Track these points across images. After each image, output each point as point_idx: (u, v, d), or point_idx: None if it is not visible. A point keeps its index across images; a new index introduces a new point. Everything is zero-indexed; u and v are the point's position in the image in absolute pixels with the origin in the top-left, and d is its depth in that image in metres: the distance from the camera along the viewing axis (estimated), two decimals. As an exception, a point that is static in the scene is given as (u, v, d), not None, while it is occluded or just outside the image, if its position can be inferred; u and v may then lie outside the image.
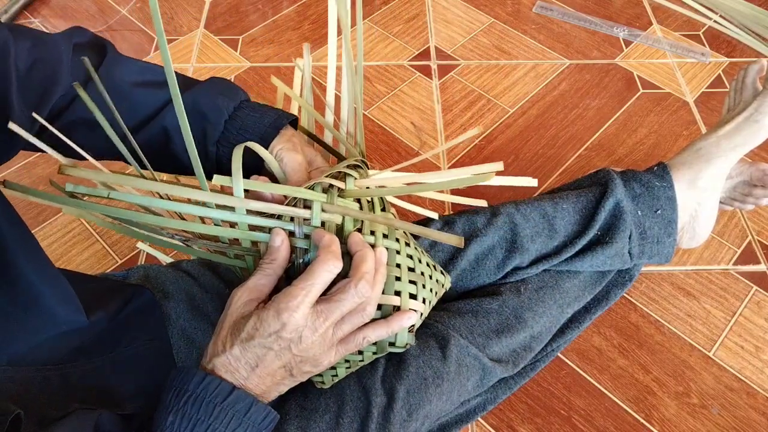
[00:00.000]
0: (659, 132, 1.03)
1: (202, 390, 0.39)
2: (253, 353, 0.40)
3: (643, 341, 0.78)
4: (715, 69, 1.14)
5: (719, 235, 0.89)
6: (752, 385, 0.74)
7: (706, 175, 0.70)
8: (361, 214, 0.47)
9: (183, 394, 0.39)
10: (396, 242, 0.50)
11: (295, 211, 0.45)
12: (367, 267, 0.42)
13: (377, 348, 0.49)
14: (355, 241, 0.45)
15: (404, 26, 1.24)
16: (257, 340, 0.40)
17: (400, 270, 0.49)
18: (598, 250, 0.68)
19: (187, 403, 0.38)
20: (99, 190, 0.42)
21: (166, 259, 0.86)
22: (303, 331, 0.40)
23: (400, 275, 0.49)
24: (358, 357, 0.49)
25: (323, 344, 0.42)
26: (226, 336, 0.41)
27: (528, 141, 1.03)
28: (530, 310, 0.66)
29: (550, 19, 1.24)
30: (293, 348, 0.41)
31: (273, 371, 0.41)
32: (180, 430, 0.38)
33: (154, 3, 0.31)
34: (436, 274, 0.54)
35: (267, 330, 0.40)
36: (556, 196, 0.71)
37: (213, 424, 0.38)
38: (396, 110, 1.08)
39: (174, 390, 0.39)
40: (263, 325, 0.40)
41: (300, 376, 0.44)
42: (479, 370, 0.61)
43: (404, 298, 0.48)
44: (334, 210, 0.46)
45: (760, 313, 0.81)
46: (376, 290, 0.44)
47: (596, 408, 0.73)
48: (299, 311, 0.40)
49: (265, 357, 0.40)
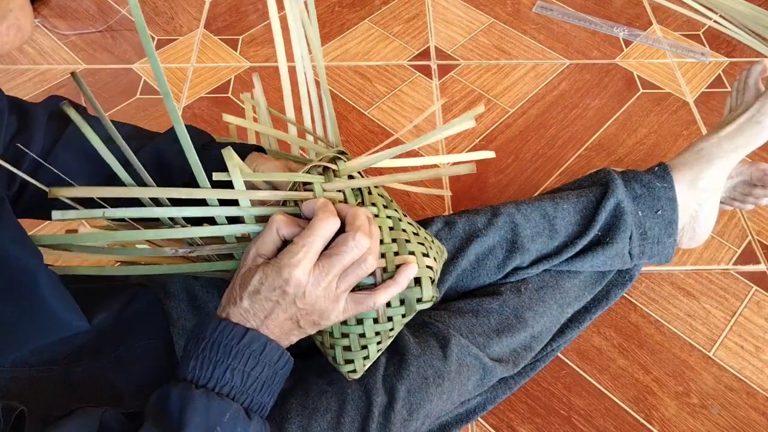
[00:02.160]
0: (659, 132, 1.03)
1: (218, 335, 0.41)
2: (261, 306, 0.42)
3: (643, 341, 0.78)
4: (715, 69, 1.14)
5: (719, 235, 0.89)
6: (752, 385, 0.74)
7: (707, 176, 0.71)
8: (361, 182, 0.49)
9: (201, 341, 0.41)
10: (396, 212, 0.51)
11: (298, 195, 0.46)
12: (360, 221, 0.43)
13: (406, 309, 0.49)
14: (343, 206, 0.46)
15: (404, 26, 1.24)
16: (263, 294, 0.42)
17: (407, 234, 0.50)
18: (598, 251, 0.68)
19: (206, 348, 0.40)
20: (92, 211, 0.41)
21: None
22: (306, 287, 0.42)
23: (409, 238, 0.50)
24: (389, 325, 0.50)
25: (327, 297, 0.43)
26: (238, 288, 0.43)
27: (528, 141, 1.03)
28: (530, 310, 0.66)
29: (550, 19, 1.24)
30: (298, 302, 0.42)
31: (281, 322, 0.43)
32: (202, 372, 0.40)
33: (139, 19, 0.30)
34: (437, 242, 0.56)
35: (271, 285, 0.41)
36: (557, 197, 0.71)
37: (232, 363, 0.40)
38: (396, 110, 1.08)
39: (193, 339, 0.42)
40: (267, 280, 0.41)
41: (309, 327, 0.45)
42: (480, 370, 0.61)
43: (418, 257, 0.49)
44: (334, 187, 0.47)
45: (760, 313, 0.81)
46: (374, 241, 0.44)
47: (596, 408, 0.73)
48: (300, 267, 0.41)
49: (273, 310, 0.42)
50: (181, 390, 0.39)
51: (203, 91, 1.12)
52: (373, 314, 0.49)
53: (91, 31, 1.25)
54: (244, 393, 0.41)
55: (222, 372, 0.40)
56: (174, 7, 1.31)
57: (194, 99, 1.11)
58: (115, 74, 1.16)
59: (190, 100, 1.10)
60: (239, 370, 0.40)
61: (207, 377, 0.40)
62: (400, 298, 0.49)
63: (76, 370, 0.45)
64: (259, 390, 0.42)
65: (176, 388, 0.39)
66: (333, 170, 0.50)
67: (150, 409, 0.40)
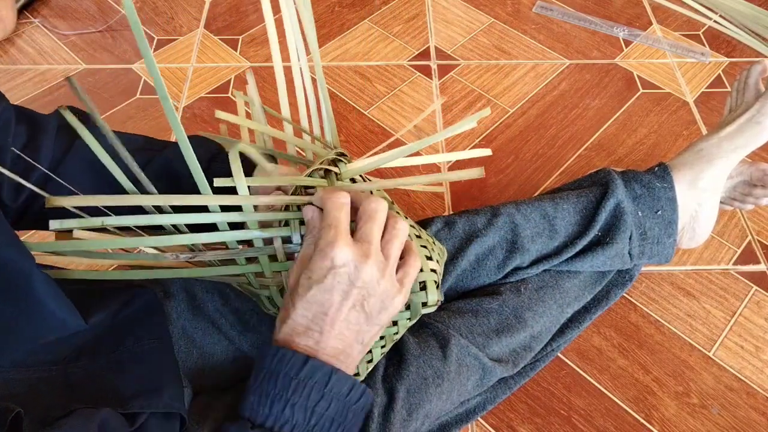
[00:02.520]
0: (659, 132, 1.03)
1: (276, 364, 0.37)
2: (317, 302, 0.38)
3: (643, 341, 0.78)
4: (715, 69, 1.14)
5: (719, 235, 0.89)
6: (752, 385, 0.74)
7: (707, 176, 0.71)
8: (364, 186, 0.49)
9: (260, 372, 0.38)
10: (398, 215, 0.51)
11: (302, 199, 0.46)
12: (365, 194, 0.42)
13: (411, 313, 0.49)
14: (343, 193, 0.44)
15: (404, 26, 1.24)
16: (315, 288, 0.38)
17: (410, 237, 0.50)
18: (598, 251, 0.68)
19: (264, 380, 0.37)
20: (92, 220, 0.41)
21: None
22: (355, 260, 0.38)
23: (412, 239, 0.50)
24: (393, 329, 0.50)
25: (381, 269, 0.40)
26: (288, 304, 0.40)
27: (528, 141, 1.03)
28: (530, 310, 0.66)
29: (550, 19, 1.24)
30: (356, 281, 0.38)
31: (345, 315, 0.39)
32: (259, 408, 0.37)
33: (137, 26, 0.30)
34: (438, 244, 0.56)
35: (320, 273, 0.38)
36: (557, 197, 0.71)
37: (292, 398, 0.36)
38: (396, 110, 1.08)
39: (254, 371, 0.38)
40: (314, 271, 0.38)
41: (377, 316, 0.40)
42: (479, 370, 0.61)
43: (422, 261, 0.49)
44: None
45: (760, 313, 0.81)
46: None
47: (596, 408, 0.73)
48: (339, 243, 0.38)
49: (331, 300, 0.38)
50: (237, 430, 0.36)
51: (203, 91, 1.12)
52: None
53: (91, 31, 1.25)
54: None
55: (281, 408, 0.36)
56: (174, 7, 1.31)
57: (194, 99, 1.11)
58: (115, 74, 1.16)
59: (190, 100, 1.10)
60: (300, 406, 0.36)
61: (265, 414, 0.36)
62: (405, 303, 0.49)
63: (75, 370, 0.45)
64: (327, 429, 0.37)
65: (233, 427, 0.36)
66: (335, 173, 0.50)
67: None
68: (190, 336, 0.55)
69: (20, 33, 1.25)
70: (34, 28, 1.26)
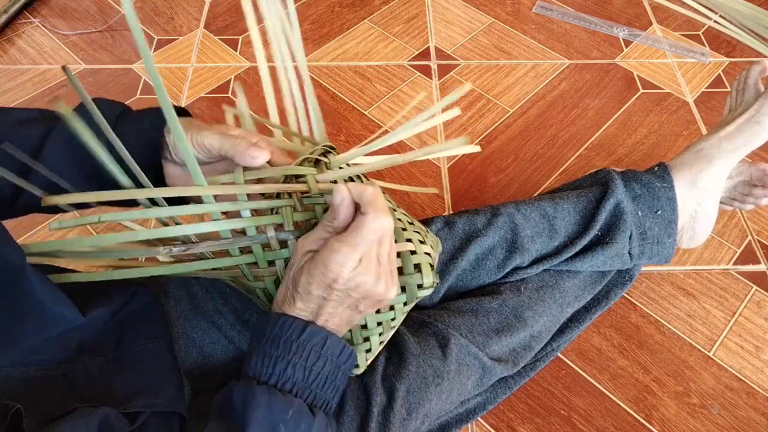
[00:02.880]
0: (659, 132, 1.03)
1: (278, 330, 0.41)
2: (315, 303, 0.42)
3: (643, 341, 0.78)
4: (715, 69, 1.14)
5: (719, 235, 0.89)
6: (752, 385, 0.74)
7: (707, 176, 0.70)
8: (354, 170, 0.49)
9: (261, 337, 0.41)
10: (390, 202, 0.51)
11: (293, 187, 0.46)
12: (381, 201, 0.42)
13: (407, 296, 0.50)
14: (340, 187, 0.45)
15: (404, 26, 1.24)
16: (314, 294, 0.42)
17: (402, 222, 0.51)
18: (598, 251, 0.68)
19: (266, 344, 0.41)
20: (89, 218, 0.41)
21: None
22: (355, 278, 0.41)
23: (405, 227, 0.50)
24: (390, 314, 0.50)
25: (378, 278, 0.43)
26: (291, 287, 0.43)
27: (528, 141, 1.03)
28: (530, 310, 0.66)
29: (550, 19, 1.24)
30: (352, 293, 0.42)
31: (339, 313, 0.43)
32: (263, 369, 0.40)
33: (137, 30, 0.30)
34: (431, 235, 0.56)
35: (320, 285, 0.41)
36: (557, 196, 0.71)
37: (293, 359, 0.40)
38: (396, 110, 1.08)
39: (255, 336, 0.42)
40: (315, 280, 0.41)
41: (370, 308, 0.45)
42: (479, 369, 0.61)
43: (416, 244, 0.49)
44: (327, 177, 0.47)
45: (760, 313, 0.81)
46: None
47: (596, 408, 0.73)
48: (346, 267, 0.40)
49: (327, 304, 0.42)
50: (243, 387, 0.39)
51: (203, 91, 1.12)
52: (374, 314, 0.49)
53: (91, 31, 1.25)
54: (307, 389, 0.41)
55: (283, 368, 0.40)
56: (174, 7, 1.31)
57: (194, 99, 1.11)
58: (114, 74, 1.16)
59: (189, 100, 1.10)
60: (300, 366, 0.40)
61: (269, 373, 0.40)
62: (401, 284, 0.49)
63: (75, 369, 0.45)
64: (322, 386, 0.42)
65: (239, 386, 0.40)
66: (324, 162, 0.50)
67: (215, 408, 0.41)
68: (190, 335, 0.55)
69: (20, 33, 1.25)
70: (34, 28, 1.26)
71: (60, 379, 0.44)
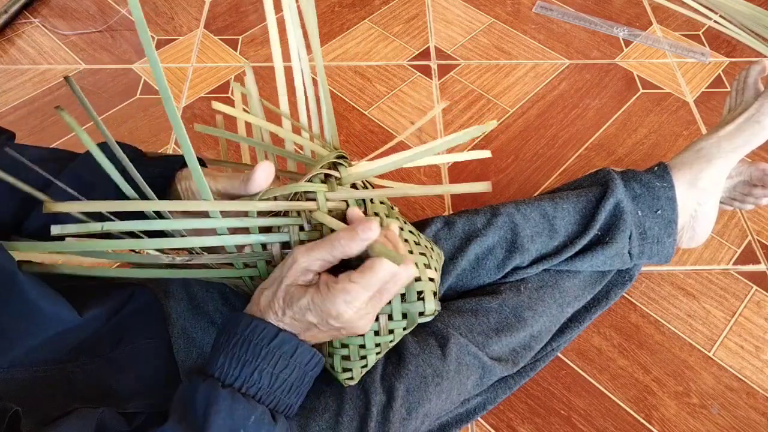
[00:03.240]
0: (659, 132, 1.03)
1: (249, 333, 0.41)
2: (304, 323, 0.42)
3: (643, 341, 0.78)
4: (715, 69, 1.14)
5: (719, 235, 0.89)
6: (752, 385, 0.74)
7: (707, 176, 0.70)
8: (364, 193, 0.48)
9: (232, 337, 0.41)
10: (397, 220, 0.51)
11: (302, 205, 0.46)
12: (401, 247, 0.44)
13: (408, 322, 0.49)
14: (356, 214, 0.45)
15: (404, 26, 1.24)
16: (308, 319, 0.42)
17: (409, 244, 0.50)
18: (598, 250, 0.68)
19: (236, 345, 0.41)
20: (91, 225, 0.41)
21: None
22: (353, 320, 0.42)
23: (411, 248, 0.50)
24: (389, 337, 0.50)
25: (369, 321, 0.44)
26: (282, 301, 0.42)
27: (528, 141, 1.03)
28: (530, 309, 0.66)
29: (550, 19, 1.24)
30: (342, 330, 0.43)
31: (317, 338, 0.44)
32: (230, 370, 0.40)
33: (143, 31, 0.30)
34: (435, 248, 0.56)
35: (319, 314, 0.41)
36: (556, 196, 0.71)
37: (261, 364, 0.40)
38: (396, 110, 1.08)
39: (225, 333, 0.42)
40: (315, 308, 0.41)
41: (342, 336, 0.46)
42: (479, 369, 0.61)
43: (421, 269, 0.49)
44: (337, 197, 0.47)
45: (760, 313, 0.81)
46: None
47: (596, 408, 0.73)
48: (352, 308, 0.41)
49: (314, 330, 0.43)
50: (207, 388, 0.39)
51: (203, 91, 1.12)
52: (375, 327, 0.49)
53: (91, 31, 1.25)
54: (272, 394, 0.41)
55: (250, 372, 0.40)
56: (174, 7, 1.31)
57: (194, 99, 1.11)
58: (114, 74, 1.16)
59: (189, 100, 1.10)
60: (268, 372, 0.40)
61: (234, 376, 0.40)
62: (403, 311, 0.49)
63: (73, 370, 0.45)
64: (287, 391, 0.42)
65: (203, 384, 0.39)
66: (336, 178, 0.49)
67: (177, 402, 0.40)
68: (190, 335, 0.55)
69: (20, 33, 1.25)
70: (34, 28, 1.26)
71: (59, 380, 0.44)
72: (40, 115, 1.09)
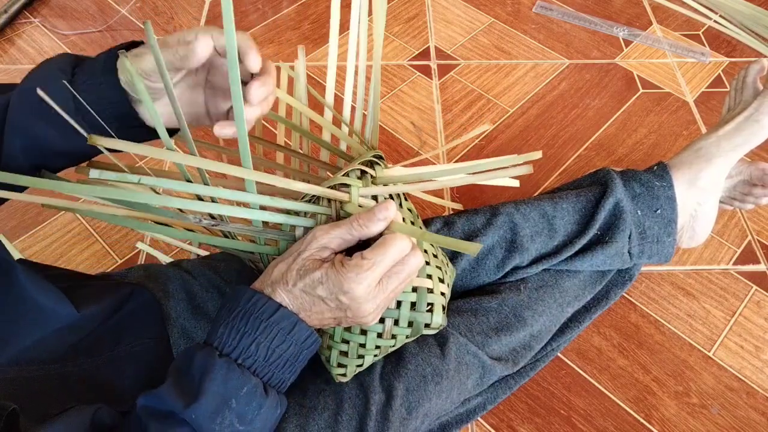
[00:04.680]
0: (659, 132, 1.03)
1: (251, 306, 0.41)
2: (312, 299, 0.42)
3: (643, 341, 0.78)
4: (715, 69, 1.14)
5: (719, 235, 0.89)
6: (752, 385, 0.74)
7: (706, 175, 0.70)
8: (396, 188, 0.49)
9: (233, 309, 0.42)
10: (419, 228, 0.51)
11: (334, 194, 0.46)
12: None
13: (412, 331, 0.49)
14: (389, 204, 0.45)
15: (404, 26, 1.24)
16: (318, 292, 0.42)
17: (427, 255, 0.50)
18: (597, 250, 0.68)
19: (236, 317, 0.41)
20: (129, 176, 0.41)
21: (165, 259, 0.86)
22: (363, 301, 0.42)
23: (429, 260, 0.50)
24: (391, 342, 0.50)
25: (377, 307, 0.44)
26: (295, 272, 0.43)
27: (528, 141, 1.03)
28: (530, 309, 0.66)
29: (550, 19, 1.24)
30: (349, 312, 0.43)
31: (322, 318, 0.44)
32: (228, 341, 0.41)
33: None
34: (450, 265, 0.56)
35: (330, 290, 0.42)
36: (556, 196, 0.71)
37: (258, 338, 0.41)
38: (396, 110, 1.08)
39: (227, 305, 0.42)
40: (327, 284, 0.42)
41: (343, 325, 0.46)
42: (479, 369, 0.61)
43: (435, 282, 0.49)
44: (369, 192, 0.48)
45: (760, 313, 0.81)
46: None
47: (596, 408, 0.73)
48: (364, 284, 0.41)
49: (321, 306, 0.43)
50: (204, 355, 0.40)
51: (203, 91, 1.12)
52: (379, 329, 0.49)
53: (91, 31, 1.25)
54: (266, 368, 0.41)
55: (247, 344, 0.40)
56: (174, 7, 1.31)
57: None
58: (115, 74, 1.16)
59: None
60: (265, 345, 0.41)
61: (232, 347, 0.40)
62: (410, 319, 0.49)
63: (72, 369, 0.45)
64: (282, 366, 0.42)
65: (201, 352, 0.40)
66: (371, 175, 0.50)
67: (174, 367, 0.41)
68: (190, 335, 0.55)
69: (20, 33, 1.25)
70: (34, 27, 1.26)
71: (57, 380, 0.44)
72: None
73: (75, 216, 0.94)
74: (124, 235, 0.92)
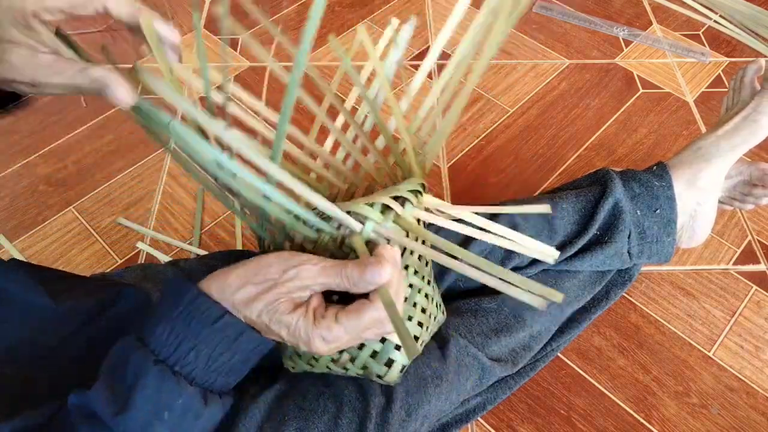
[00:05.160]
0: (659, 132, 1.03)
1: (193, 309, 0.37)
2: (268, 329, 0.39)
3: (643, 341, 0.78)
4: (715, 69, 1.14)
5: (719, 235, 0.89)
6: (752, 385, 0.74)
7: (706, 175, 0.70)
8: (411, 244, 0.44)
9: (176, 306, 0.37)
10: (421, 280, 0.48)
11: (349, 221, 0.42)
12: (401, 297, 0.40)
13: (364, 373, 0.47)
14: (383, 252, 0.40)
15: (404, 26, 1.24)
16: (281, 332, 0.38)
17: (415, 310, 0.48)
18: (597, 250, 0.68)
19: (177, 318, 0.37)
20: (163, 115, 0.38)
21: (165, 259, 0.86)
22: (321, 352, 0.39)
23: (413, 315, 0.47)
24: (341, 371, 0.48)
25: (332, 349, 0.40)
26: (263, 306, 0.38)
27: (528, 141, 1.03)
28: (529, 310, 0.66)
29: (550, 19, 1.24)
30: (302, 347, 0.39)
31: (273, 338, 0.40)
32: (166, 345, 0.37)
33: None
34: (438, 313, 0.53)
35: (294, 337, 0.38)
36: (556, 196, 0.71)
37: (199, 345, 0.37)
38: (396, 110, 1.08)
39: (168, 297, 0.38)
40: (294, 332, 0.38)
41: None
42: (478, 370, 0.61)
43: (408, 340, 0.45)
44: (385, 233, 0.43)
45: (760, 313, 0.81)
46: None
47: (596, 408, 0.73)
48: (329, 346, 0.38)
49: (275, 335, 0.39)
50: (139, 360, 0.36)
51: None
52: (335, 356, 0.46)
53: (91, 31, 1.25)
54: (207, 375, 0.38)
55: (186, 351, 0.37)
56: (174, 7, 1.31)
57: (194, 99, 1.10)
58: (114, 74, 1.16)
59: (189, 101, 1.10)
60: (206, 354, 0.37)
61: (169, 352, 0.37)
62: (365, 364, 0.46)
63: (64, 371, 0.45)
64: (225, 373, 0.39)
65: (135, 354, 0.36)
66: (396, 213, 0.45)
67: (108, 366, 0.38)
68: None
69: (20, 33, 1.25)
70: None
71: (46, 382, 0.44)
72: (41, 115, 1.09)
73: (75, 216, 0.94)
74: (124, 235, 0.92)
